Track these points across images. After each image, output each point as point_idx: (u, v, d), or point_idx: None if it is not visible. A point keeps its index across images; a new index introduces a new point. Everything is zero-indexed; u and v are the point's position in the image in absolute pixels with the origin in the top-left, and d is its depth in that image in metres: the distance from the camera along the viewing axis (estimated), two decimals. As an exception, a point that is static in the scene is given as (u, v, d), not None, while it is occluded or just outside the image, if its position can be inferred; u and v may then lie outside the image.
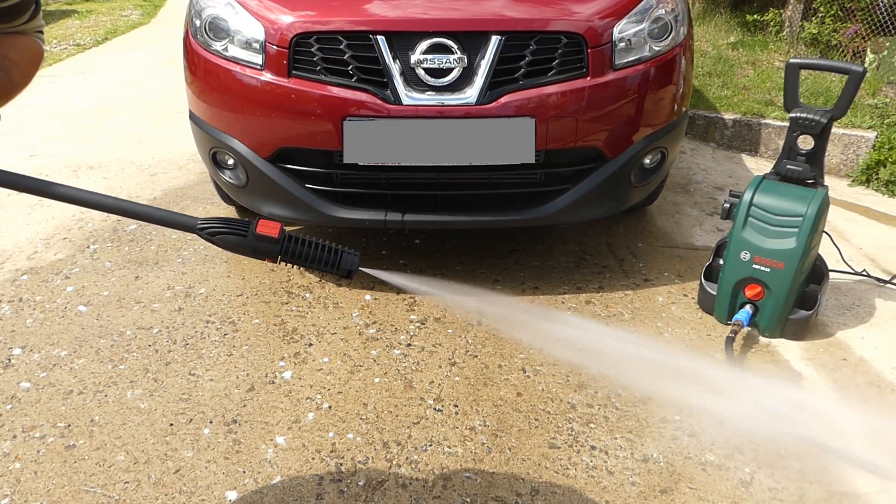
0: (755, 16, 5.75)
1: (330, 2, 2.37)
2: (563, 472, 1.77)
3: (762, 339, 2.32)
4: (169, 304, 2.50)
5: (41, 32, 1.01)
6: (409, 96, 2.23)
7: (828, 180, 2.48)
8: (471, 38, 2.24)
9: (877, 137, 3.75)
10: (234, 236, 0.79)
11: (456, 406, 2.00)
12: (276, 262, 0.85)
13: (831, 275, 2.52)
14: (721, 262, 2.40)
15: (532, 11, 2.33)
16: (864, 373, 2.16)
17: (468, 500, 1.68)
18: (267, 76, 2.31)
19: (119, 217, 3.18)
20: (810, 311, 2.30)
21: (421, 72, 2.23)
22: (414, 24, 2.25)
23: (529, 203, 2.46)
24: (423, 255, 2.87)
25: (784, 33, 5.41)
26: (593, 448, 1.84)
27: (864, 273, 2.68)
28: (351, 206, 2.42)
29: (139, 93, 5.57)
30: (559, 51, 2.28)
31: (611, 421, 1.94)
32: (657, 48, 2.43)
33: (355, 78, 2.25)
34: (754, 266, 2.26)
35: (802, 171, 2.28)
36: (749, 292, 2.29)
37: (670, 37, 2.46)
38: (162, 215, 0.76)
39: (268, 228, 0.80)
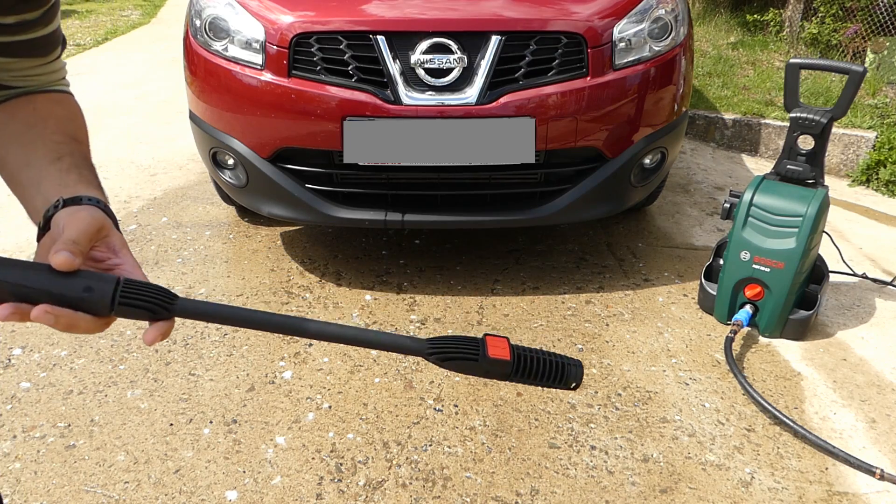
0: (755, 16, 5.76)
1: (330, 2, 2.37)
2: (563, 472, 1.77)
3: (762, 339, 2.32)
4: (169, 304, 2.50)
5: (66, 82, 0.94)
6: (409, 96, 2.23)
7: (828, 180, 2.49)
8: (471, 38, 2.24)
9: (877, 137, 3.75)
10: (466, 361, 0.78)
11: (456, 406, 2.00)
12: (503, 381, 0.84)
13: (831, 275, 2.52)
14: (721, 262, 2.40)
15: (532, 11, 2.33)
16: (864, 373, 2.16)
17: (468, 500, 1.68)
18: (267, 76, 2.31)
19: (118, 216, 3.18)
20: (810, 312, 2.30)
21: (421, 72, 2.23)
22: (414, 24, 2.25)
23: (529, 203, 2.46)
24: (423, 255, 2.87)
25: (784, 33, 5.41)
26: (593, 448, 1.84)
27: (864, 276, 2.68)
28: (351, 206, 2.42)
29: (139, 93, 5.57)
30: (559, 51, 2.28)
31: (611, 421, 1.94)
32: (657, 48, 2.43)
33: (355, 78, 2.25)
34: (754, 266, 2.26)
35: (802, 171, 2.28)
36: (749, 292, 2.29)
37: (670, 37, 2.46)
38: (390, 340, 0.74)
39: (498, 350, 0.79)
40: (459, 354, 0.75)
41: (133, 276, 0.67)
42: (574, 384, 0.79)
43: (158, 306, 0.64)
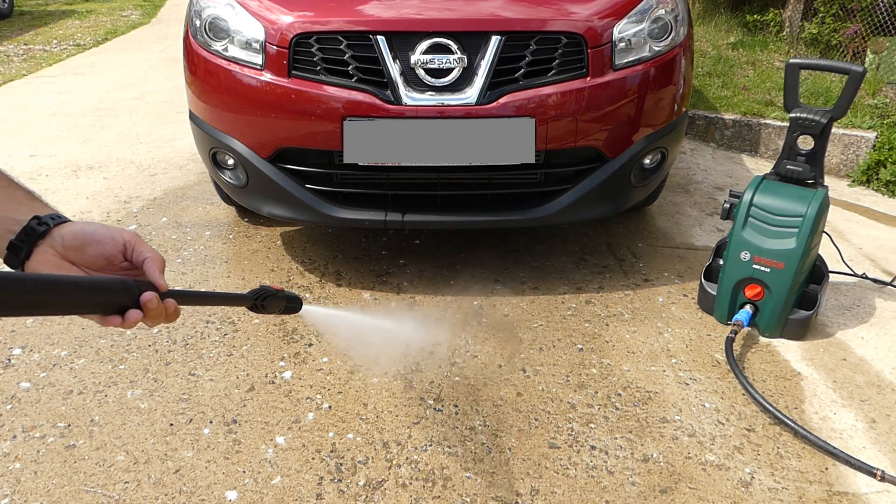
0: (755, 16, 5.76)
1: (330, 2, 2.37)
2: (563, 472, 1.77)
3: (762, 340, 2.32)
4: (169, 304, 2.49)
5: None
6: (409, 96, 2.23)
7: (828, 180, 2.49)
8: (471, 39, 2.24)
9: (877, 137, 3.75)
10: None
11: (456, 406, 2.00)
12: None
13: (831, 275, 2.52)
14: (721, 262, 2.40)
15: (532, 11, 2.33)
16: (864, 373, 2.16)
17: (468, 500, 1.68)
18: (267, 76, 2.31)
19: (118, 216, 3.18)
20: (810, 312, 2.30)
21: (421, 72, 2.23)
22: (414, 24, 2.25)
23: (529, 203, 2.46)
24: (423, 255, 2.87)
25: (784, 33, 5.41)
26: (593, 448, 1.84)
27: (864, 276, 2.68)
28: (351, 207, 2.42)
29: (139, 93, 5.57)
30: (559, 51, 2.28)
31: (611, 421, 1.94)
32: (657, 48, 2.43)
33: (355, 78, 2.25)
34: (754, 266, 2.26)
35: (802, 172, 2.28)
36: (749, 292, 2.29)
37: (670, 37, 2.46)
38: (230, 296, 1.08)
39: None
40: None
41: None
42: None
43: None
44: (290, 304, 0.99)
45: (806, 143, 2.28)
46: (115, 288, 0.70)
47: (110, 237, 0.75)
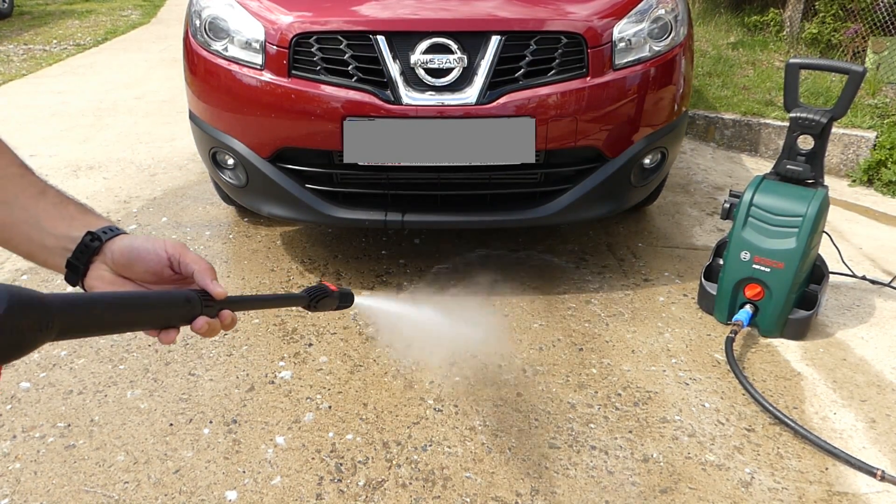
0: (755, 16, 5.75)
1: (330, 2, 2.37)
2: (563, 472, 1.76)
3: (762, 340, 2.32)
4: (169, 304, 2.49)
5: None
6: (409, 96, 2.23)
7: (828, 180, 2.48)
8: (471, 38, 2.24)
9: (877, 137, 3.75)
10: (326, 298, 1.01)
11: (456, 406, 2.00)
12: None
13: (831, 276, 2.52)
14: (721, 262, 2.40)
15: (532, 11, 2.33)
16: (864, 373, 2.16)
17: (468, 500, 1.68)
18: (267, 76, 2.31)
19: (118, 216, 3.18)
20: (810, 311, 2.30)
21: (421, 72, 2.23)
22: (414, 24, 2.25)
23: (529, 203, 2.45)
24: (423, 255, 2.87)
25: (784, 33, 5.41)
26: (593, 448, 1.84)
27: (864, 277, 2.68)
28: (351, 207, 2.42)
29: (139, 93, 5.57)
30: (559, 51, 2.28)
31: (611, 421, 1.94)
32: (657, 48, 2.43)
33: (355, 78, 2.25)
34: (754, 266, 2.25)
35: (802, 171, 2.28)
36: (749, 292, 2.29)
37: (670, 37, 2.46)
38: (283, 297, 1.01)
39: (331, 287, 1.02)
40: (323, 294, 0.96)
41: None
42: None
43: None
44: (343, 301, 1.01)
45: (806, 142, 2.28)
46: (180, 302, 0.71)
47: (154, 253, 0.74)
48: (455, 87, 2.24)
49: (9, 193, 0.76)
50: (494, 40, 2.22)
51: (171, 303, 0.70)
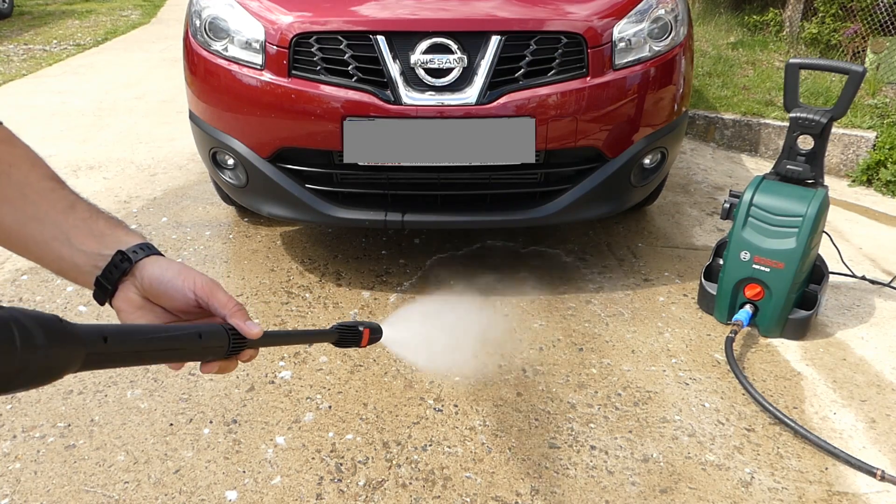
0: (755, 16, 5.76)
1: (330, 2, 2.37)
2: (563, 472, 1.76)
3: (762, 339, 2.32)
4: (169, 304, 2.49)
5: None
6: (409, 96, 2.23)
7: (828, 180, 2.48)
8: (471, 38, 2.24)
9: (877, 137, 3.75)
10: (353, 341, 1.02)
11: (456, 406, 2.00)
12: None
13: (831, 275, 2.52)
14: (721, 262, 2.40)
15: (532, 11, 2.33)
16: (863, 373, 2.16)
17: (468, 500, 1.68)
18: (267, 76, 2.31)
19: (118, 216, 3.18)
20: (810, 311, 2.30)
21: (421, 72, 2.23)
22: (414, 24, 2.25)
23: (529, 203, 2.46)
24: (423, 255, 2.87)
25: (784, 33, 5.41)
26: (593, 448, 1.84)
27: (864, 278, 2.68)
28: (351, 207, 2.42)
29: (139, 93, 5.57)
30: (559, 51, 2.28)
31: (611, 421, 1.94)
32: (657, 48, 2.43)
33: (355, 78, 2.25)
34: (754, 266, 2.25)
35: (802, 171, 2.28)
36: (749, 292, 2.29)
37: (670, 37, 2.46)
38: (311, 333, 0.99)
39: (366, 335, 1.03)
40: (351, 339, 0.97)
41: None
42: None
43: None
44: (373, 335, 1.03)
45: (806, 142, 2.28)
46: (220, 337, 0.70)
47: (181, 293, 0.72)
48: (455, 87, 2.24)
49: (40, 210, 0.74)
50: (494, 40, 2.22)
51: (212, 336, 0.69)
